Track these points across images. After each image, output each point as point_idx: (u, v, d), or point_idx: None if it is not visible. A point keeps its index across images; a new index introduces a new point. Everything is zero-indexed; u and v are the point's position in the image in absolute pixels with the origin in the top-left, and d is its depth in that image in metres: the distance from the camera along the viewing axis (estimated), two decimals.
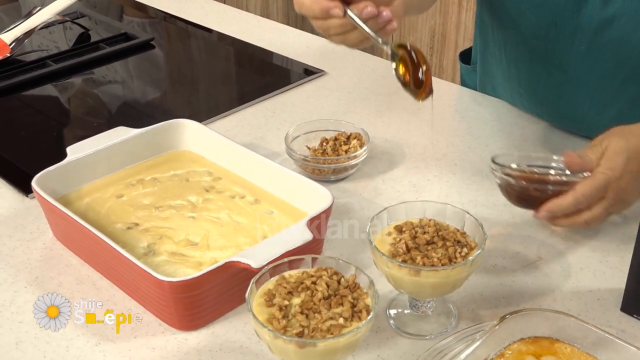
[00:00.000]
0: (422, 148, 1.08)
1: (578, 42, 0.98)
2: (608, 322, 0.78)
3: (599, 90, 1.02)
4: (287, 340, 0.64)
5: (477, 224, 0.77)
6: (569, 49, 1.00)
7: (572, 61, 1.01)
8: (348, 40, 0.86)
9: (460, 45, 2.45)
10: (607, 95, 1.02)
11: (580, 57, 1.00)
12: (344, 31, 0.84)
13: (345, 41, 0.86)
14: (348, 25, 0.83)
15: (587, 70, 1.01)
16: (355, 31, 0.84)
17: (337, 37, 0.86)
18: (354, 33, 0.84)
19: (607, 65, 0.98)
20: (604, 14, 0.95)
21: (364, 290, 0.70)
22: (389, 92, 1.24)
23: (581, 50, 0.99)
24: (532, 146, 1.08)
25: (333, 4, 0.82)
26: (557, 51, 1.02)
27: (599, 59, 0.98)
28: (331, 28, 0.84)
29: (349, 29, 0.84)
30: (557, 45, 1.01)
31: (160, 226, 0.88)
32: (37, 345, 0.76)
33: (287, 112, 1.19)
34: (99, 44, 1.40)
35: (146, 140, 0.99)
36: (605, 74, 0.99)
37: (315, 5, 0.83)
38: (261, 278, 0.70)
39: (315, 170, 1.01)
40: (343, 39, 0.86)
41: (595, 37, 0.97)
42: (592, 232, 0.91)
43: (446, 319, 0.80)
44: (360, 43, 0.86)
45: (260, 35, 1.48)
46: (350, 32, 0.84)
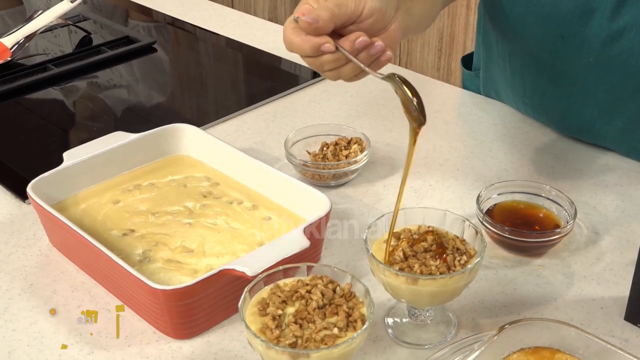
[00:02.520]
0: (424, 153, 1.07)
1: (586, 55, 0.97)
2: (611, 332, 0.77)
3: (607, 101, 1.00)
4: (280, 351, 0.63)
5: (477, 231, 0.75)
6: (577, 61, 0.98)
7: (580, 73, 0.99)
8: (343, 74, 0.82)
9: (469, 48, 2.43)
10: (615, 107, 1.00)
11: (588, 69, 0.98)
12: (338, 66, 0.81)
13: (341, 75, 0.82)
14: (341, 59, 0.80)
15: (595, 82, 0.99)
16: (349, 64, 0.80)
17: (331, 72, 0.82)
18: (348, 66, 0.81)
19: (615, 77, 0.97)
20: (613, 26, 0.93)
21: (360, 299, 0.69)
22: (392, 96, 1.21)
23: (589, 63, 0.97)
24: (536, 151, 1.07)
25: (323, 39, 0.79)
26: (564, 63, 1.00)
27: (607, 70, 0.96)
28: (324, 64, 0.81)
29: (342, 63, 0.80)
30: (564, 58, 0.99)
31: (156, 232, 0.87)
32: (30, 354, 0.75)
33: (289, 117, 1.18)
34: (100, 48, 1.40)
35: (144, 145, 0.98)
36: (614, 85, 0.98)
37: (305, 43, 0.79)
38: (255, 286, 0.69)
39: (315, 176, 0.99)
40: (338, 74, 0.82)
41: (604, 49, 0.95)
42: (596, 239, 0.89)
43: (445, 327, 0.78)
44: (356, 76, 0.83)
45: (263, 38, 1.47)
46: (344, 66, 0.81)
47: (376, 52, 0.80)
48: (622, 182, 1.00)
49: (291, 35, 0.80)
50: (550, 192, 0.91)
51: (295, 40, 0.80)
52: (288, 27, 0.81)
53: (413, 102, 0.74)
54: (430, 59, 2.60)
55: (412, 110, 0.74)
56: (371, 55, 0.80)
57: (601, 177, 1.01)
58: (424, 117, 0.74)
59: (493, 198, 0.92)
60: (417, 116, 0.74)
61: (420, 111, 0.74)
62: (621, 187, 0.99)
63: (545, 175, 1.01)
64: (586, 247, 0.89)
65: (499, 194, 0.92)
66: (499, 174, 1.02)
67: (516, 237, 0.85)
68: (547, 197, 0.91)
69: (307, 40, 0.79)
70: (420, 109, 0.74)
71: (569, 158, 1.06)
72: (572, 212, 0.87)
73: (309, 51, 0.80)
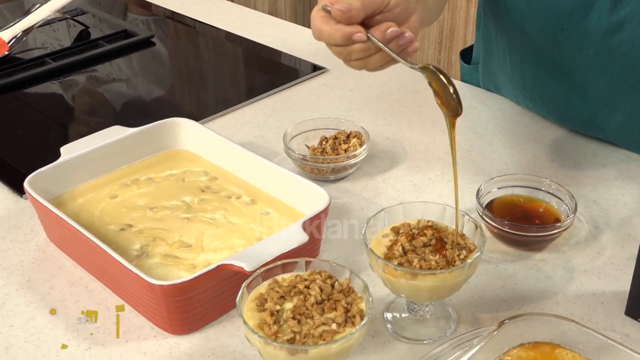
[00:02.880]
0: (424, 146, 1.06)
1: (587, 47, 0.96)
2: (612, 327, 0.76)
3: (608, 94, 0.99)
4: (278, 347, 0.62)
5: (477, 225, 0.75)
6: (578, 53, 0.97)
7: (581, 65, 0.99)
8: (370, 64, 0.82)
9: (469, 41, 2.42)
10: (616, 99, 0.99)
11: (589, 62, 0.97)
12: (366, 55, 0.81)
13: (367, 65, 0.82)
14: (371, 49, 0.79)
15: (596, 74, 0.98)
16: (376, 55, 0.80)
17: (358, 62, 0.82)
18: (376, 57, 0.81)
19: (616, 69, 0.96)
20: (613, 17, 0.92)
21: (359, 294, 0.68)
22: (392, 89, 1.22)
23: (590, 55, 0.96)
24: (536, 144, 1.06)
25: (355, 29, 0.78)
26: (564, 56, 0.99)
27: (608, 62, 0.96)
28: (353, 53, 0.80)
29: (371, 53, 0.80)
30: (565, 50, 0.98)
31: (154, 227, 0.86)
32: (27, 350, 0.75)
33: (288, 110, 1.17)
34: (98, 42, 1.39)
35: (141, 140, 0.97)
36: (615, 77, 0.97)
37: (336, 32, 0.78)
38: (253, 282, 0.68)
39: (314, 170, 0.99)
40: (364, 64, 0.82)
41: (605, 41, 0.94)
42: (596, 233, 0.89)
43: (445, 322, 0.78)
44: (381, 67, 0.83)
45: (262, 32, 1.46)
46: (372, 56, 0.81)
47: (405, 42, 0.80)
48: (622, 175, 0.99)
49: (321, 24, 0.79)
50: (550, 186, 0.90)
51: (325, 29, 0.79)
52: (317, 15, 0.80)
53: (449, 89, 0.73)
54: (431, 52, 2.59)
55: (449, 99, 0.73)
56: (400, 45, 0.80)
57: (602, 170, 1.01)
58: (461, 106, 0.73)
59: (493, 192, 0.91)
60: (454, 105, 0.73)
61: (457, 101, 0.73)
62: (622, 181, 0.98)
63: (546, 168, 1.01)
64: (586, 241, 0.88)
65: (498, 187, 0.91)
66: (499, 167, 1.01)
67: (516, 231, 0.85)
68: (547, 191, 0.90)
69: (338, 29, 0.78)
70: (457, 98, 0.73)
71: (569, 151, 1.05)
72: (573, 206, 0.87)
73: (339, 40, 0.79)
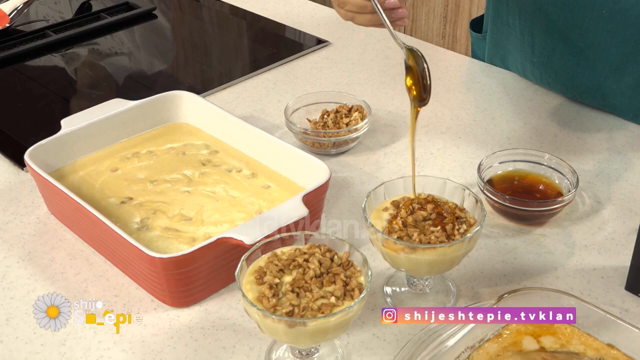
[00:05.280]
0: (426, 121, 1.06)
1: (599, 7, 0.95)
2: (611, 301, 0.76)
3: (619, 56, 0.98)
4: (277, 320, 0.62)
5: (477, 200, 0.75)
6: (590, 14, 0.97)
7: (592, 27, 0.98)
8: (357, 19, 0.87)
9: (474, 14, 2.40)
10: (627, 62, 0.98)
11: (601, 23, 0.97)
12: (359, 11, 0.85)
13: (354, 19, 0.87)
14: (367, 7, 0.84)
15: (607, 35, 0.97)
16: (367, 15, 0.85)
17: (348, 13, 0.87)
18: (366, 16, 0.85)
19: (629, 30, 0.95)
20: None
21: (358, 268, 0.68)
22: (394, 63, 1.21)
23: (602, 15, 0.96)
24: (539, 118, 1.06)
25: None
26: (576, 18, 0.98)
27: (620, 23, 0.95)
28: (349, 4, 0.85)
29: (365, 11, 0.85)
30: (577, 12, 0.98)
31: (154, 201, 0.86)
32: (28, 322, 0.75)
33: (289, 84, 1.17)
34: (100, 14, 1.38)
35: (142, 113, 0.97)
36: (627, 39, 0.96)
37: None
38: (252, 255, 0.68)
39: (316, 144, 0.98)
40: (352, 17, 0.87)
41: (618, 1, 0.93)
42: (598, 208, 0.89)
43: (444, 297, 0.78)
44: (366, 25, 0.87)
45: (264, 4, 1.45)
46: (363, 15, 0.85)
47: (398, 17, 0.84)
48: (625, 150, 0.99)
49: None
50: (551, 161, 0.90)
51: None
52: None
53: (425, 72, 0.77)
54: (436, 26, 2.57)
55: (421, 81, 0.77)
56: (391, 17, 0.83)
57: (604, 145, 1.00)
58: (429, 95, 0.77)
59: (494, 167, 0.91)
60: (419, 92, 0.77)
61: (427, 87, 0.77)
62: (624, 156, 0.98)
63: (548, 143, 1.00)
64: (588, 216, 0.88)
65: (500, 162, 0.91)
66: (501, 142, 1.01)
67: (517, 205, 0.85)
68: (549, 166, 0.90)
69: None
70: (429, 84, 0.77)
71: (573, 126, 1.04)
72: (574, 180, 0.86)
73: None
